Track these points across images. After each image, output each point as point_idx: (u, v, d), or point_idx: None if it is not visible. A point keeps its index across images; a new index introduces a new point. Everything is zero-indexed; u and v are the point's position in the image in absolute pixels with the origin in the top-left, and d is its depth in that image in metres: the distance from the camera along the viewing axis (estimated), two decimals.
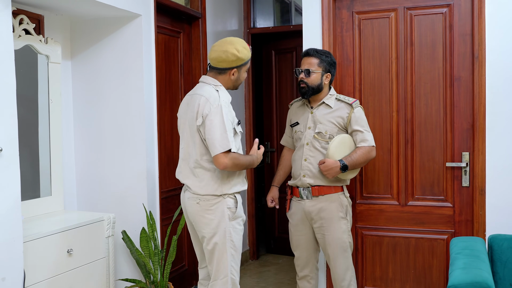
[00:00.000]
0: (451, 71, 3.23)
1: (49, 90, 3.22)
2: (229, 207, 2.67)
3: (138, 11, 3.35)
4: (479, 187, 3.13)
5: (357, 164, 2.96)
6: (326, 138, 2.98)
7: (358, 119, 2.99)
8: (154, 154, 3.54)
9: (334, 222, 2.97)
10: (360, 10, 3.41)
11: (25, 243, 2.55)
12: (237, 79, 2.76)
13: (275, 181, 3.29)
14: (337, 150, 2.93)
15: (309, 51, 3.02)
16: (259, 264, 5.02)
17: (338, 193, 3.00)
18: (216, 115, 2.58)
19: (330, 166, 2.89)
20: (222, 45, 2.68)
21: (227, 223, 2.66)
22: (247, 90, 5.04)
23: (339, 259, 3.00)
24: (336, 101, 3.04)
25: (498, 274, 2.67)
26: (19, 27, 2.99)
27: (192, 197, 2.70)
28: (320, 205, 2.99)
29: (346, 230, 3.00)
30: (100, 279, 3.10)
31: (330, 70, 3.02)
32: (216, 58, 2.69)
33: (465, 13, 3.18)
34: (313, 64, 2.99)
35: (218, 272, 2.68)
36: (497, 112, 3.08)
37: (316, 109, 3.04)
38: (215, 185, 2.65)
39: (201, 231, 2.71)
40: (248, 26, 5.04)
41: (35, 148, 3.19)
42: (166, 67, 3.86)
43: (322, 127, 3.00)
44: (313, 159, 2.99)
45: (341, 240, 2.98)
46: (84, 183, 3.59)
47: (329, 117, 3.01)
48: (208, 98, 2.61)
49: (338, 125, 3.00)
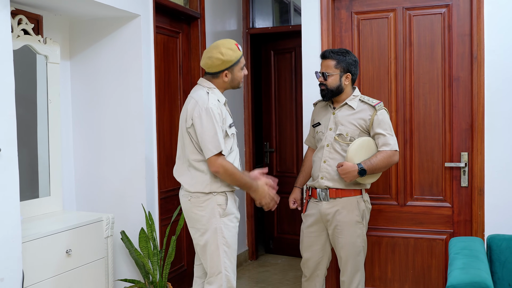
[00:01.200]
0: (450, 71, 3.23)
1: (48, 90, 3.21)
2: (219, 204, 2.71)
3: (137, 11, 3.35)
4: (478, 187, 3.13)
5: (377, 168, 2.87)
6: (347, 140, 2.92)
7: (381, 122, 2.90)
8: (153, 154, 3.54)
9: (350, 226, 2.92)
10: (359, 11, 3.41)
11: (23, 244, 2.54)
12: (232, 80, 2.78)
13: (298, 182, 3.23)
14: (357, 153, 2.85)
15: (325, 53, 2.97)
16: (258, 264, 5.02)
17: (356, 196, 2.94)
18: (204, 118, 2.62)
19: (348, 169, 2.82)
20: (208, 51, 2.73)
21: (217, 219, 2.69)
22: (246, 90, 5.03)
23: (351, 262, 2.96)
24: (359, 102, 2.96)
25: (497, 274, 2.67)
26: (18, 27, 2.99)
27: (185, 194, 2.77)
28: (336, 207, 2.93)
29: (361, 235, 2.95)
30: (99, 279, 3.09)
31: (350, 69, 2.93)
32: (204, 65, 2.75)
33: (464, 13, 3.18)
34: (330, 67, 2.93)
35: (212, 268, 2.72)
36: (496, 112, 3.08)
37: (339, 110, 2.98)
38: (203, 183, 2.69)
39: (193, 227, 2.77)
40: (247, 26, 5.04)
41: (34, 149, 3.18)
42: (165, 67, 3.86)
43: (343, 128, 2.93)
44: (333, 161, 2.94)
45: (354, 245, 2.94)
46: (83, 184, 3.59)
47: (350, 119, 2.93)
48: (198, 100, 2.66)
49: (360, 127, 2.92)
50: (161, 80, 3.79)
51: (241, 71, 2.79)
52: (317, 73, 3.00)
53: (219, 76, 2.75)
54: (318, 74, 2.98)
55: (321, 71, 2.96)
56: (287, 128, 5.17)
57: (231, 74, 2.76)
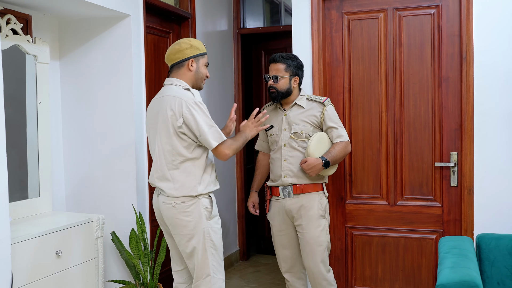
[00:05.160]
0: (439, 72, 3.25)
1: (37, 91, 3.19)
2: (205, 207, 2.68)
3: (127, 11, 3.34)
4: (467, 187, 3.15)
5: (337, 159, 3.04)
6: (302, 137, 3.06)
7: (332, 116, 3.07)
8: (144, 155, 3.53)
9: (313, 221, 3.04)
10: (349, 11, 3.42)
11: (12, 245, 2.52)
12: (197, 73, 2.76)
13: (254, 186, 3.35)
14: (317, 147, 3.00)
15: (275, 57, 3.10)
16: (249, 265, 5.02)
17: (318, 192, 3.07)
18: (196, 113, 2.61)
19: (313, 164, 2.95)
20: (175, 43, 2.78)
21: (204, 223, 2.67)
22: (236, 90, 5.04)
23: (317, 256, 3.04)
24: (307, 101, 3.11)
25: (486, 273, 2.69)
26: (7, 26, 2.96)
27: (167, 200, 2.69)
28: (301, 203, 3.05)
29: (324, 229, 3.07)
30: (89, 280, 3.08)
31: (297, 73, 3.10)
32: (171, 51, 2.75)
33: (453, 14, 3.20)
34: (280, 70, 3.06)
35: (200, 272, 2.69)
36: (485, 112, 3.10)
37: (289, 111, 3.12)
38: (190, 186, 2.65)
39: (178, 234, 2.70)
40: (237, 27, 5.04)
41: (23, 149, 3.16)
42: (155, 67, 3.84)
43: (297, 127, 3.07)
44: (293, 159, 3.06)
45: (319, 239, 3.04)
46: (73, 184, 3.57)
47: (302, 117, 3.08)
48: (182, 97, 2.63)
49: (312, 124, 3.07)
50: (152, 80, 3.78)
51: (205, 68, 2.80)
52: (266, 76, 3.10)
53: (185, 65, 2.73)
54: (268, 76, 3.09)
55: (270, 75, 3.07)
56: None
57: (196, 64, 2.75)
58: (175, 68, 2.76)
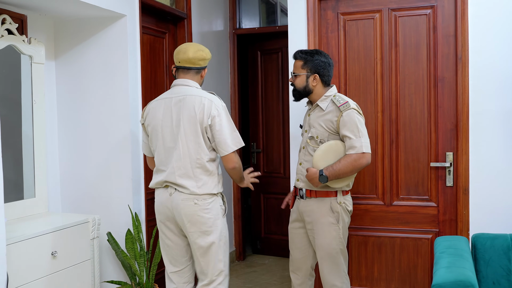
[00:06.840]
0: (435, 72, 3.26)
1: (32, 91, 3.18)
2: (221, 205, 2.80)
3: (122, 11, 3.33)
4: (463, 187, 3.16)
5: (341, 174, 2.74)
6: (317, 143, 2.85)
7: (347, 124, 2.75)
8: (140, 155, 3.52)
9: (324, 227, 2.86)
10: (345, 11, 3.43)
11: (8, 246, 2.51)
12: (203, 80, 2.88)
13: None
14: (322, 158, 2.79)
15: (295, 53, 2.97)
16: (246, 265, 5.02)
17: (330, 198, 2.85)
18: (223, 116, 2.70)
19: (311, 176, 2.78)
20: (193, 45, 2.81)
21: (221, 220, 2.79)
22: (233, 91, 5.03)
23: (327, 264, 2.91)
24: (330, 103, 2.86)
25: (481, 272, 2.70)
26: (2, 27, 2.96)
27: (188, 197, 2.71)
28: (311, 207, 2.90)
29: (337, 237, 2.86)
30: (85, 281, 3.07)
31: (318, 70, 2.86)
32: (197, 56, 2.76)
33: (449, 14, 3.21)
34: (297, 67, 2.92)
35: (214, 268, 2.76)
36: (480, 113, 3.11)
37: (313, 112, 2.94)
38: (212, 184, 2.74)
39: (196, 231, 2.72)
40: (233, 27, 5.03)
41: (18, 150, 3.15)
42: (151, 67, 3.84)
43: (314, 131, 2.87)
44: (306, 163, 2.91)
45: (330, 246, 2.87)
46: (68, 185, 3.56)
47: (320, 121, 2.86)
48: (211, 99, 2.71)
49: (328, 130, 2.82)
50: (147, 80, 3.77)
51: None
52: (290, 72, 3.05)
53: (201, 72, 2.83)
54: (291, 73, 3.01)
55: (292, 71, 2.98)
56: (274, 128, 5.18)
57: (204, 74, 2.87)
58: (192, 71, 2.79)
